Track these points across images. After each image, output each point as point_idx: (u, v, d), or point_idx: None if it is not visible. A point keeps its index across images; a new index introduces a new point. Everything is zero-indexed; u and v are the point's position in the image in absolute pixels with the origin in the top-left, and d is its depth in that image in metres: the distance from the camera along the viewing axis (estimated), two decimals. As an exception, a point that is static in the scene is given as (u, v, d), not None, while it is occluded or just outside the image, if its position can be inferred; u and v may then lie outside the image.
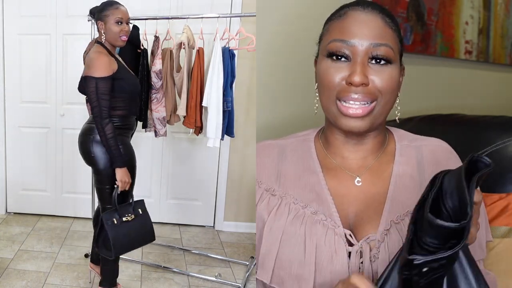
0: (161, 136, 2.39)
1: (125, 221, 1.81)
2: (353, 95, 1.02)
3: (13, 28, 2.94)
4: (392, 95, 1.06)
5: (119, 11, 1.86)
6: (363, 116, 1.03)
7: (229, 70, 2.21)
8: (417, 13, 2.27)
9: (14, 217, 3.06)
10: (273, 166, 1.18)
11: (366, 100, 1.03)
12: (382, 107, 1.05)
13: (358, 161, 1.14)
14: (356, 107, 1.03)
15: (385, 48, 1.03)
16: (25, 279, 2.25)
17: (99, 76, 1.75)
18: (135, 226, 1.84)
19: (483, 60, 2.65)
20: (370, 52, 1.03)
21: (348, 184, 1.12)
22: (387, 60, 1.04)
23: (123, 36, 1.87)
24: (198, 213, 3.05)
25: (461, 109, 1.77)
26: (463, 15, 2.50)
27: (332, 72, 1.04)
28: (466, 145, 1.21)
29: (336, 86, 1.04)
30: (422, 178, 1.11)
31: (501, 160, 1.41)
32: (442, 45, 2.41)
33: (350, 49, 1.03)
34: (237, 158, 2.92)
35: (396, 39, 1.07)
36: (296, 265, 1.07)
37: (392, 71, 1.05)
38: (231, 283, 2.30)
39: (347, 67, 1.03)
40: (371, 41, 1.03)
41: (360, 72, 1.01)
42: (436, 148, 1.16)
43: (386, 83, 1.04)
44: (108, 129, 1.75)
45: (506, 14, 2.74)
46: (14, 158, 3.06)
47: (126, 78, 1.84)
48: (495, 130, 1.47)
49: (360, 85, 1.01)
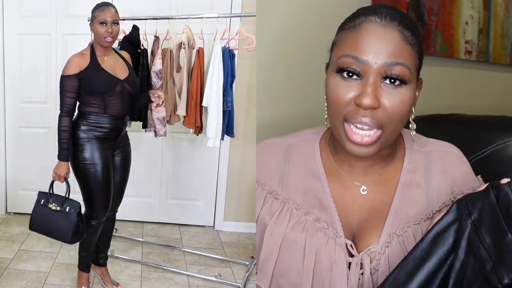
0: (161, 136, 2.39)
1: (49, 207, 1.89)
2: (362, 118, 0.96)
3: (13, 28, 2.94)
4: (401, 120, 1.00)
5: (103, 12, 1.89)
6: (369, 144, 0.98)
7: (229, 70, 2.21)
8: (417, 13, 2.27)
9: (14, 217, 3.06)
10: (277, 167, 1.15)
11: (373, 126, 0.96)
12: (390, 134, 0.99)
13: (365, 170, 1.10)
14: (362, 135, 0.97)
15: (401, 68, 0.95)
16: (25, 279, 2.25)
17: (64, 74, 1.87)
18: (56, 217, 1.89)
19: (483, 60, 2.65)
20: (384, 71, 0.95)
21: (353, 192, 1.10)
22: (402, 81, 0.96)
23: (107, 37, 1.88)
24: (198, 213, 3.05)
25: (461, 109, 1.77)
26: (463, 15, 2.50)
27: (341, 91, 0.97)
28: (466, 145, 1.21)
29: (345, 106, 0.97)
30: (429, 187, 1.09)
31: (501, 160, 1.41)
32: (442, 45, 2.41)
33: (362, 67, 0.95)
34: (237, 158, 2.92)
35: (414, 56, 0.99)
36: (294, 273, 1.05)
37: (405, 93, 0.97)
38: (231, 283, 2.30)
39: (357, 86, 0.96)
40: (386, 60, 0.94)
41: (371, 94, 0.94)
42: (445, 154, 1.12)
43: (397, 108, 0.96)
44: (62, 122, 1.85)
45: (506, 14, 2.74)
46: (14, 158, 3.06)
47: (95, 78, 1.87)
48: (495, 130, 1.47)
49: (369, 108, 0.94)
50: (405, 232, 1.05)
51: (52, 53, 2.93)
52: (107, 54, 1.94)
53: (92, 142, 1.89)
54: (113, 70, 1.92)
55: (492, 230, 0.84)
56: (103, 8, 1.90)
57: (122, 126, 1.97)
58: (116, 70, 1.94)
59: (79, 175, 1.91)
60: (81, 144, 1.89)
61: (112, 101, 1.89)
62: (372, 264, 1.03)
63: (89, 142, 1.89)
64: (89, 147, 1.89)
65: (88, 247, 2.05)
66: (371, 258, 1.04)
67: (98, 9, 1.91)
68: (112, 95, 1.88)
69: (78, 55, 1.91)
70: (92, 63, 1.89)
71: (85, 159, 1.88)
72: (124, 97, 1.92)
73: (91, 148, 1.89)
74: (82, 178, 1.91)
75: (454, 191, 1.09)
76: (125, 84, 1.91)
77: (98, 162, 1.88)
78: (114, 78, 1.90)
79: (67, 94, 1.86)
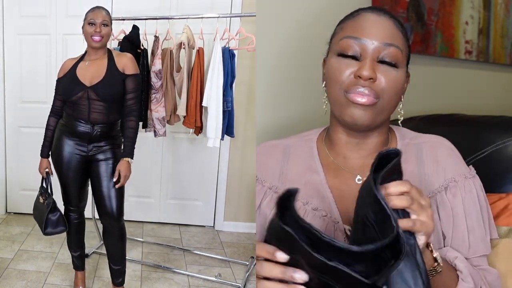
0: (161, 136, 2.39)
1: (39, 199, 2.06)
2: (360, 88, 1.06)
3: (13, 28, 2.94)
4: (395, 97, 1.10)
5: (93, 13, 1.92)
6: (368, 105, 1.06)
7: (229, 70, 2.21)
8: (417, 13, 2.27)
9: (14, 217, 3.06)
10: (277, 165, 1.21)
11: (371, 95, 1.06)
12: (386, 104, 1.08)
13: (359, 160, 1.16)
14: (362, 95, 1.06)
15: (395, 49, 1.07)
16: (25, 279, 2.25)
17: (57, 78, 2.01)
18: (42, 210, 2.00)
19: (483, 60, 2.65)
20: (380, 52, 1.07)
21: (349, 182, 1.14)
22: (395, 64, 1.07)
23: (94, 36, 1.89)
24: (198, 213, 3.05)
25: (461, 109, 1.77)
26: (463, 15, 2.50)
27: (342, 67, 1.08)
28: (466, 145, 1.21)
29: (345, 80, 1.08)
30: (422, 173, 1.13)
31: (501, 160, 1.41)
32: (442, 45, 2.41)
33: (361, 46, 1.07)
34: (237, 158, 2.92)
35: (405, 45, 1.11)
36: None
37: (397, 75, 1.08)
38: (231, 283, 2.30)
39: (356, 64, 1.07)
40: (382, 40, 1.07)
41: (370, 67, 1.05)
42: (435, 144, 1.17)
43: (391, 84, 1.07)
44: (48, 121, 2.02)
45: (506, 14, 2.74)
46: (14, 158, 3.06)
47: (64, 82, 1.95)
48: (495, 130, 1.47)
49: (368, 79, 1.05)
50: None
51: (52, 53, 2.93)
52: (95, 58, 1.92)
53: (62, 139, 1.97)
54: (84, 76, 1.90)
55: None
56: (93, 9, 1.94)
57: (94, 132, 1.91)
58: (89, 75, 1.90)
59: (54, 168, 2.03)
60: (54, 140, 2.00)
61: (80, 106, 1.90)
62: None
63: (58, 139, 1.98)
64: (57, 143, 1.98)
65: (69, 244, 2.11)
66: None
67: (89, 11, 1.94)
68: (76, 100, 1.89)
69: (70, 59, 2.01)
70: (72, 68, 1.95)
71: (53, 153, 2.01)
72: (92, 104, 1.88)
73: (58, 144, 1.97)
74: (55, 172, 2.03)
75: (446, 179, 1.12)
76: (90, 91, 1.87)
77: (61, 157, 1.97)
78: (80, 84, 1.89)
79: (56, 96, 2.01)
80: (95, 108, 1.89)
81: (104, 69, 1.90)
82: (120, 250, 1.99)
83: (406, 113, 1.18)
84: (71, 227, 2.04)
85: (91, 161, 1.94)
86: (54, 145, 2.00)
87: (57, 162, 1.99)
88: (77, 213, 2.05)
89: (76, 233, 2.08)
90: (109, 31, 1.94)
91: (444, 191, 1.11)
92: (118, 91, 1.90)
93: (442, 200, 1.11)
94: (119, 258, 2.00)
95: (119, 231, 1.96)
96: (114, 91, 1.90)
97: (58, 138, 1.98)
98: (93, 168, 1.94)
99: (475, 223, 1.10)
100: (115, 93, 1.90)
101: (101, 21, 1.89)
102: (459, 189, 1.11)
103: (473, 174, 1.15)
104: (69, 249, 2.12)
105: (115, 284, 2.03)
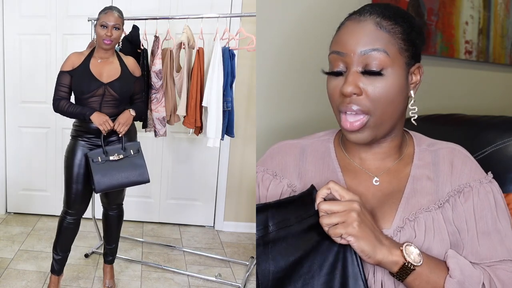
0: (161, 136, 2.39)
1: (111, 160, 1.94)
2: (349, 105, 1.04)
3: (13, 28, 2.94)
4: (390, 105, 1.05)
5: (106, 15, 1.96)
6: (359, 129, 1.05)
7: (229, 70, 2.21)
8: (417, 13, 2.27)
9: (14, 217, 3.06)
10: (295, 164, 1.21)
11: (359, 112, 1.04)
12: (380, 116, 1.05)
13: (376, 163, 1.16)
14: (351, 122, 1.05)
15: (377, 53, 1.02)
16: (25, 279, 2.25)
17: (60, 70, 2.00)
18: (124, 165, 1.95)
19: (483, 60, 2.65)
20: (361, 62, 1.03)
21: (366, 184, 1.15)
22: (378, 71, 1.02)
23: (105, 40, 1.95)
24: (198, 213, 3.05)
25: (461, 109, 1.77)
26: (463, 15, 2.50)
27: (332, 87, 1.08)
28: (466, 145, 1.21)
29: (337, 99, 1.07)
30: (438, 179, 1.13)
31: (501, 160, 1.41)
32: (442, 45, 2.41)
33: (344, 60, 1.05)
34: (237, 158, 2.92)
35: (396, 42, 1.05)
36: None
37: (388, 79, 1.04)
38: (231, 283, 2.30)
39: (343, 79, 1.05)
40: (361, 48, 1.03)
41: (351, 82, 1.03)
42: (452, 151, 1.17)
43: (379, 94, 1.03)
44: (60, 103, 1.96)
45: (506, 14, 2.74)
46: (14, 158, 3.06)
47: (79, 78, 1.96)
48: (495, 130, 1.47)
49: (351, 95, 1.03)
50: (417, 218, 1.08)
51: (52, 53, 2.93)
52: (105, 57, 2.00)
53: (76, 142, 1.99)
54: (100, 73, 1.97)
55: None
56: (106, 11, 1.98)
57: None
58: (104, 73, 1.97)
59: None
60: (68, 143, 2.01)
61: (93, 103, 1.95)
62: None
63: (72, 142, 2.00)
64: (71, 146, 1.99)
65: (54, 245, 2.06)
66: None
67: (102, 12, 1.98)
68: (92, 97, 1.94)
69: (77, 53, 2.02)
70: (83, 63, 1.97)
71: (66, 155, 2.00)
72: (106, 101, 1.96)
73: (72, 147, 1.98)
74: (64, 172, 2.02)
75: (461, 184, 1.12)
76: (108, 88, 1.95)
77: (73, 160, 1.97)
78: (97, 81, 1.94)
79: (60, 88, 1.98)
80: (107, 103, 1.97)
81: (119, 68, 2.00)
82: (116, 231, 2.17)
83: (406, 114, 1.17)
84: (63, 230, 2.02)
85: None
86: (68, 147, 2.01)
87: (68, 163, 1.99)
88: (75, 217, 2.01)
89: (66, 236, 2.04)
90: (120, 34, 2.01)
91: (457, 195, 1.11)
92: (132, 89, 2.03)
93: (455, 204, 1.10)
94: (114, 239, 2.18)
95: (118, 213, 2.14)
96: (129, 88, 2.01)
97: (72, 142, 2.00)
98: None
99: (490, 228, 1.08)
100: (130, 90, 2.02)
101: (113, 24, 1.95)
102: (473, 194, 1.10)
103: (489, 179, 1.13)
104: (53, 251, 2.06)
105: (106, 262, 2.19)
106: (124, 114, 1.98)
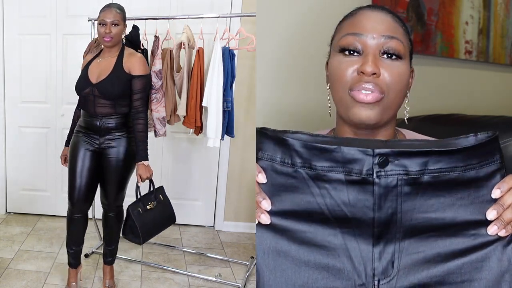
0: (161, 136, 2.39)
1: (149, 209, 2.03)
2: (365, 84, 1.04)
3: (13, 28, 2.94)
4: (401, 92, 1.08)
5: (104, 13, 1.98)
6: (373, 103, 1.05)
7: (229, 70, 2.21)
8: (417, 13, 2.27)
9: (14, 217, 3.06)
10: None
11: (375, 91, 1.05)
12: (391, 100, 1.07)
13: None
14: (367, 93, 1.04)
15: (396, 41, 1.06)
16: (25, 279, 2.25)
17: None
18: (158, 212, 2.05)
19: (483, 60, 2.64)
20: (381, 46, 1.06)
21: None
22: (398, 55, 1.06)
23: (105, 37, 1.97)
24: (198, 213, 3.05)
25: (461, 109, 1.77)
26: (463, 15, 2.50)
27: (345, 66, 1.07)
28: (466, 145, 1.21)
29: (349, 78, 1.06)
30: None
31: (501, 160, 1.41)
32: (442, 45, 2.41)
33: (362, 42, 1.06)
34: (237, 158, 2.92)
35: (406, 36, 1.10)
36: None
37: (401, 67, 1.07)
38: (231, 283, 2.30)
39: (359, 61, 1.06)
40: (383, 33, 1.06)
41: (372, 62, 1.04)
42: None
43: (395, 79, 1.06)
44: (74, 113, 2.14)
45: (506, 14, 2.74)
46: (14, 158, 3.06)
47: (79, 77, 2.03)
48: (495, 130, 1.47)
49: (371, 74, 1.04)
50: None
51: (52, 53, 2.93)
52: (108, 55, 2.01)
53: (76, 135, 2.06)
54: (94, 73, 1.99)
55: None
56: (104, 9, 1.99)
57: (103, 124, 1.99)
58: (97, 73, 1.99)
59: None
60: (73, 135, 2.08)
61: (88, 101, 2.00)
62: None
63: (75, 135, 2.06)
64: (74, 139, 2.06)
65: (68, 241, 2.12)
66: None
67: (101, 11, 2.00)
68: (85, 96, 1.99)
69: (90, 54, 2.11)
70: (87, 63, 2.02)
71: (70, 148, 2.07)
72: (96, 99, 1.97)
73: (75, 140, 2.05)
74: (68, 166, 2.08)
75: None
76: (94, 89, 1.97)
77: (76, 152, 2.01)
78: (87, 81, 1.98)
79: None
80: (100, 103, 1.98)
81: (110, 68, 1.98)
82: (116, 232, 2.15)
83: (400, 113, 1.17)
84: (72, 226, 2.07)
85: (102, 153, 2.00)
86: (72, 140, 2.06)
87: (71, 156, 2.03)
88: (80, 214, 2.05)
89: (76, 230, 2.08)
90: (120, 30, 2.00)
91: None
92: (122, 90, 1.97)
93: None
94: (114, 240, 2.17)
95: (118, 214, 2.11)
96: (116, 90, 1.96)
97: (75, 134, 2.06)
98: (104, 157, 2.00)
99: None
100: (117, 92, 1.96)
101: (111, 21, 1.95)
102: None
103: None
104: (66, 246, 2.12)
105: (106, 262, 2.19)
106: (140, 169, 1.99)
